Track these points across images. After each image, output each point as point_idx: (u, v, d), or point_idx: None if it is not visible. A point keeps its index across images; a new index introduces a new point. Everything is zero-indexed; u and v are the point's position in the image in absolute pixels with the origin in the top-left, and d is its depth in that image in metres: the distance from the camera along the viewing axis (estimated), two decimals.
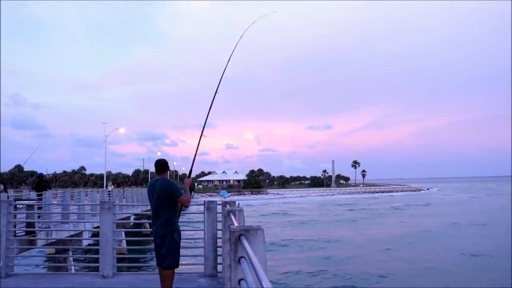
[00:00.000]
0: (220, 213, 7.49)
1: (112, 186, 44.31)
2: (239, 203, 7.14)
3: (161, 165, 6.22)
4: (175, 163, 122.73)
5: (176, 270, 6.19)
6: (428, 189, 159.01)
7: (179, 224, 6.18)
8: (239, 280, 3.01)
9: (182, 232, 6.17)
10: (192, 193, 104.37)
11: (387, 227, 44.87)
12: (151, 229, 6.12)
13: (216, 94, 8.03)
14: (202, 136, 7.71)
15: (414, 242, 34.06)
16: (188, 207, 6.42)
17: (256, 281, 2.24)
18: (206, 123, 7.75)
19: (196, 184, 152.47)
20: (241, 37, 9.04)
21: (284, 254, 29.90)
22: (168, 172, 6.34)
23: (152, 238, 6.04)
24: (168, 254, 5.89)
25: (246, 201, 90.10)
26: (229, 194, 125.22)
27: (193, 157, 7.62)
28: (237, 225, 5.15)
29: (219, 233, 7.56)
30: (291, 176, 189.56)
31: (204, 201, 8.03)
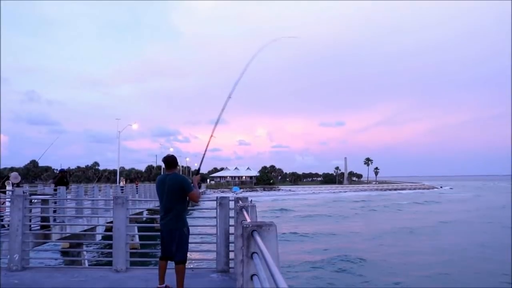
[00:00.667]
0: (233, 209, 7.51)
1: (124, 181, 44.47)
2: (251, 200, 7.16)
3: (171, 161, 6.27)
4: (187, 159, 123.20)
5: (189, 265, 6.24)
6: (441, 187, 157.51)
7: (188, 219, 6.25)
8: (252, 276, 3.02)
9: (195, 227, 6.23)
10: (204, 189, 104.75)
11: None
12: (159, 224, 6.20)
13: (229, 98, 8.04)
14: (212, 137, 7.80)
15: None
16: (197, 202, 6.48)
17: (269, 277, 2.24)
18: (218, 122, 7.80)
19: (208, 180, 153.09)
20: (251, 60, 8.82)
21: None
22: (177, 168, 6.38)
23: None
24: (178, 249, 5.96)
25: (258, 197, 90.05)
26: (241, 190, 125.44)
27: (202, 154, 7.71)
28: (249, 220, 5.16)
29: (232, 229, 7.58)
30: (303, 173, 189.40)
31: (217, 197, 8.05)
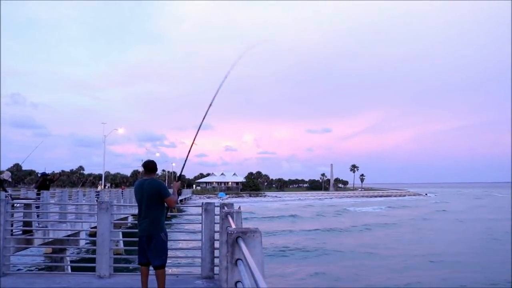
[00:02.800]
0: (218, 215, 7.49)
1: (101, 186, 43.45)
2: (239, 206, 7.14)
3: (151, 166, 6.31)
4: (174, 164, 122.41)
5: (173, 272, 6.20)
6: (426, 194, 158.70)
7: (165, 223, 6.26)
8: (236, 282, 3.01)
9: (179, 233, 6.22)
10: (189, 195, 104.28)
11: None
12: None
13: (210, 106, 8.04)
14: (194, 144, 7.81)
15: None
16: (174, 208, 6.49)
17: (253, 283, 2.23)
18: (201, 128, 7.84)
19: (194, 185, 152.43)
20: (229, 72, 8.69)
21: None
22: (156, 173, 6.41)
23: None
24: (157, 254, 5.97)
25: (244, 203, 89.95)
26: (228, 196, 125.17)
27: (184, 161, 7.72)
28: (234, 227, 5.15)
29: (217, 235, 7.56)
30: (289, 179, 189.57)
31: (202, 203, 8.02)
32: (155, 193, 6.00)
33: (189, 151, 7.74)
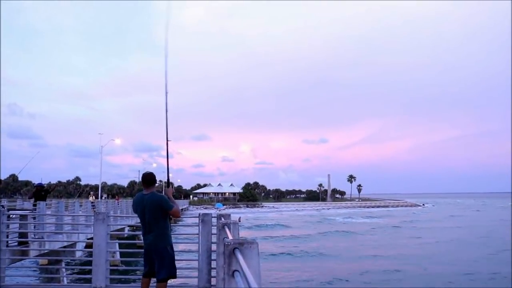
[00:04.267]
0: (215, 225, 7.47)
1: (93, 197, 42.45)
2: (240, 217, 7.15)
3: (149, 179, 6.25)
4: (170, 174, 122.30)
5: (170, 283, 6.17)
6: (423, 204, 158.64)
7: (171, 236, 6.23)
8: None
9: (176, 244, 6.21)
10: (186, 205, 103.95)
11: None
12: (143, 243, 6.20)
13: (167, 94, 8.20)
14: (168, 141, 7.97)
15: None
16: (179, 217, 6.48)
17: None
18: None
19: (191, 196, 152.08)
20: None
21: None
22: (155, 186, 6.35)
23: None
24: (162, 267, 5.95)
25: (241, 214, 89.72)
26: (225, 206, 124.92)
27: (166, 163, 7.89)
28: (231, 238, 5.13)
29: (214, 246, 7.53)
30: (286, 190, 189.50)
31: (199, 214, 8.00)
32: (157, 207, 5.98)
33: (167, 148, 7.88)
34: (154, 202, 6.00)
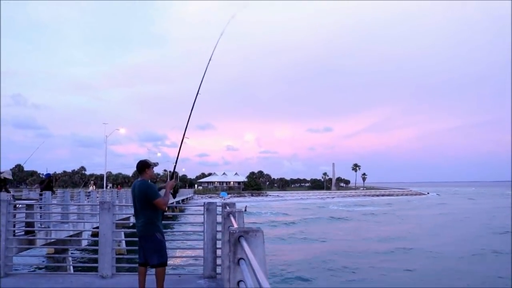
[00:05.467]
0: (220, 214, 7.49)
1: (93, 186, 41.97)
2: (246, 206, 7.16)
3: (139, 166, 6.34)
4: (174, 164, 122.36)
5: (175, 271, 6.21)
6: (428, 193, 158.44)
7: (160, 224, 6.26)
8: (238, 282, 3.00)
9: (181, 233, 6.23)
10: (191, 194, 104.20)
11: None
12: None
13: (198, 95, 8.13)
14: (185, 138, 7.89)
15: None
16: (165, 210, 6.45)
17: (255, 283, 2.23)
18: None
19: (196, 185, 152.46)
20: (222, 34, 8.81)
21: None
22: (150, 172, 6.35)
23: None
24: (154, 253, 6.01)
25: (246, 203, 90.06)
26: (229, 195, 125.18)
27: (176, 158, 7.77)
28: (236, 226, 5.14)
29: (219, 235, 7.56)
30: (291, 179, 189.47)
31: (204, 203, 8.04)
32: (143, 196, 6.06)
33: (180, 146, 7.82)
34: (141, 189, 6.09)
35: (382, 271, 23.64)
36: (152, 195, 6.03)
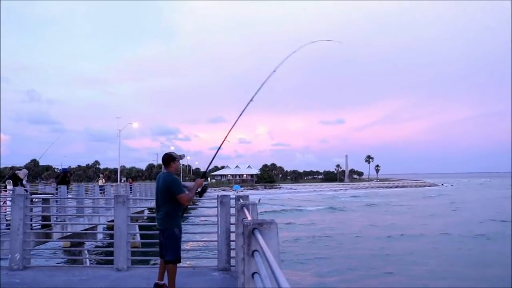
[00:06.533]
0: (234, 207, 7.51)
1: (103, 180, 41.18)
2: (260, 199, 7.17)
3: (164, 158, 6.33)
4: (188, 157, 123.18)
5: (190, 264, 6.26)
6: (442, 184, 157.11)
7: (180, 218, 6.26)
8: (253, 274, 3.02)
9: (195, 226, 6.25)
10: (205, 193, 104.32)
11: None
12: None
13: (251, 102, 8.03)
14: (226, 141, 7.83)
15: None
16: (186, 207, 6.43)
17: (270, 275, 2.24)
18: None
19: (209, 178, 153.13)
20: (275, 70, 8.60)
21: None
22: (175, 165, 6.35)
23: None
24: (167, 249, 6.02)
25: (260, 195, 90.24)
26: (242, 188, 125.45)
27: (212, 157, 7.71)
28: (250, 219, 5.16)
29: (232, 227, 7.59)
30: (304, 171, 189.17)
31: (218, 195, 8.06)
32: (166, 188, 6.03)
33: (220, 147, 7.78)
34: (166, 182, 6.06)
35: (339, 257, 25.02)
36: (176, 189, 5.99)
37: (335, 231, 36.48)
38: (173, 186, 6.01)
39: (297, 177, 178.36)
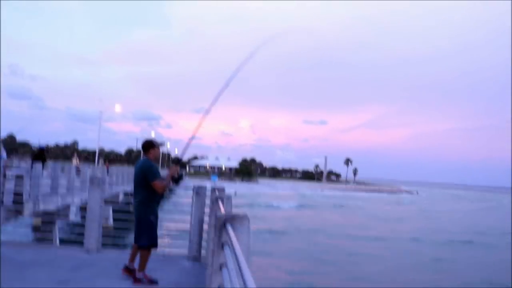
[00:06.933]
0: (209, 198, 7.53)
1: (77, 160, 39.69)
2: (235, 191, 7.17)
3: (143, 145, 6.32)
4: (168, 145, 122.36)
5: (160, 252, 6.26)
6: (417, 192, 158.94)
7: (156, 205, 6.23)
8: (220, 265, 3.06)
9: (169, 214, 6.25)
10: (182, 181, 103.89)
11: None
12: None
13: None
14: (200, 127, 7.51)
15: None
16: (162, 194, 6.31)
17: (237, 268, 2.28)
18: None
19: (187, 167, 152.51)
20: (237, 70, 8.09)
21: None
22: (154, 152, 6.32)
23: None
24: (142, 234, 6.02)
25: (236, 188, 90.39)
26: (220, 180, 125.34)
27: (187, 143, 7.42)
28: (224, 211, 5.19)
29: (206, 218, 7.61)
30: (283, 168, 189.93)
31: (194, 186, 8.07)
32: (141, 175, 6.02)
33: (195, 132, 7.53)
34: (142, 169, 6.05)
35: None
36: (151, 176, 5.96)
37: (304, 226, 37.36)
38: (148, 172, 5.99)
39: (275, 173, 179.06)
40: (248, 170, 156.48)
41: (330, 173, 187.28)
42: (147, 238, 6.01)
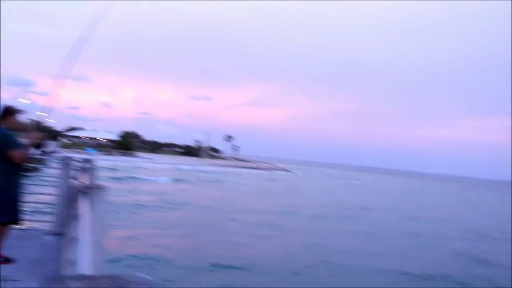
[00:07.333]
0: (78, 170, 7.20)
1: None
2: (111, 164, 6.92)
3: (2, 112, 5.70)
4: (38, 112, 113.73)
5: (22, 227, 5.87)
6: (293, 171, 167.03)
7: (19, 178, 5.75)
8: (74, 238, 2.95)
9: (34, 186, 5.83)
10: (55, 148, 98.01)
11: None
12: None
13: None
14: (59, 88, 6.92)
15: None
16: (20, 164, 5.67)
17: (86, 240, 2.22)
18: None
19: (63, 138, 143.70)
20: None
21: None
22: (14, 120, 5.78)
23: None
24: (5, 210, 5.52)
25: (114, 161, 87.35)
26: (97, 152, 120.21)
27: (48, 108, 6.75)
28: (87, 182, 4.99)
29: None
30: (165, 143, 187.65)
31: (61, 157, 7.66)
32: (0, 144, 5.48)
33: (54, 95, 6.97)
34: None
35: None
36: (9, 145, 5.43)
37: (176, 200, 36.45)
38: (5, 141, 5.45)
39: (156, 147, 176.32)
40: (127, 143, 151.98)
41: (211, 149, 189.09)
42: (10, 214, 5.53)
